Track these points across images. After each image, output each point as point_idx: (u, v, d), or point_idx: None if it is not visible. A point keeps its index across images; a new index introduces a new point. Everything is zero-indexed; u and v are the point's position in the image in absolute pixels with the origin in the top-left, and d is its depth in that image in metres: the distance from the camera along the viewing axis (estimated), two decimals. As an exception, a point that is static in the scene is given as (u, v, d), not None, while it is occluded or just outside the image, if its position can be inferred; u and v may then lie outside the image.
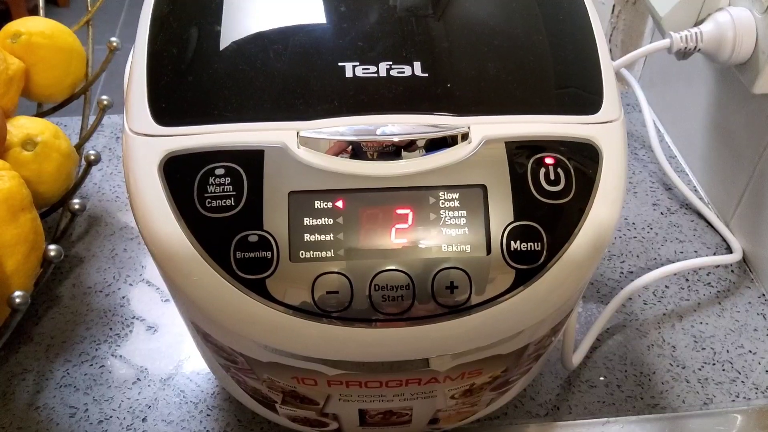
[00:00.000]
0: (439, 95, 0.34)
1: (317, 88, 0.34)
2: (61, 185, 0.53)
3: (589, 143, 0.34)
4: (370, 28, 0.36)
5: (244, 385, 0.39)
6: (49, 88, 0.58)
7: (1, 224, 0.42)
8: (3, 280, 0.43)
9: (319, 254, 0.32)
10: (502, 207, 0.32)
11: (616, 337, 0.53)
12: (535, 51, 0.36)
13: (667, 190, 0.65)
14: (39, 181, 0.50)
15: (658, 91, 0.72)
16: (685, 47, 0.54)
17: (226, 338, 0.35)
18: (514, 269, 0.32)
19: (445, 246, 0.32)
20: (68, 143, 0.54)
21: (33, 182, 0.50)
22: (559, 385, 0.50)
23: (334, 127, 0.33)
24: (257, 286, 0.31)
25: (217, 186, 0.32)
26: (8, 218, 0.43)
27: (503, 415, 0.48)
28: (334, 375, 0.34)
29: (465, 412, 0.41)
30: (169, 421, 0.48)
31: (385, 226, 0.32)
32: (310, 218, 0.32)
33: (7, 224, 0.43)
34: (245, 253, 0.31)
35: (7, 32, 0.56)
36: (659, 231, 0.61)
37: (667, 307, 0.56)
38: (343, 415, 0.39)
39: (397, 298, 0.32)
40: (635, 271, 0.58)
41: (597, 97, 0.35)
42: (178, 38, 0.36)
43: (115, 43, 0.59)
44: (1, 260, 0.43)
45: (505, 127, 0.34)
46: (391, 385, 0.36)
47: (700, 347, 0.53)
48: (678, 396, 0.50)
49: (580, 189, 0.33)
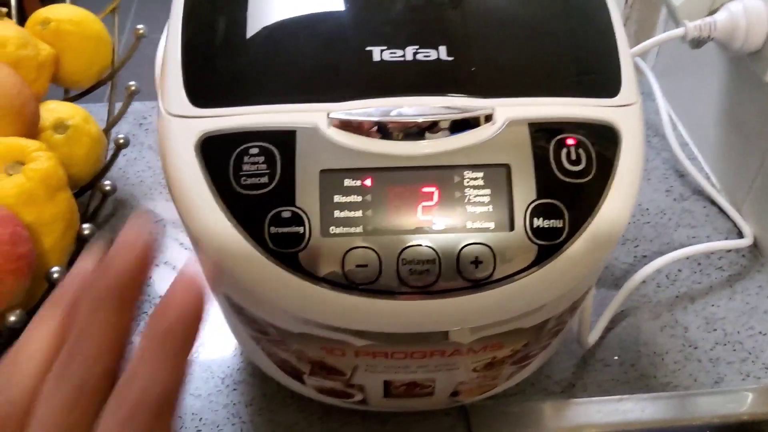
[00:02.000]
0: (464, 78, 0.36)
1: (346, 72, 0.36)
2: (91, 168, 0.55)
3: (608, 125, 0.35)
4: (397, 14, 0.38)
5: (273, 356, 0.41)
6: (77, 74, 0.60)
7: (39, 203, 0.44)
8: (41, 255, 0.44)
9: (348, 230, 0.33)
10: (525, 185, 0.34)
11: (630, 318, 0.55)
12: (555, 36, 0.38)
13: (680, 177, 0.66)
14: (70, 163, 0.52)
15: (671, 80, 0.73)
16: (699, 36, 0.55)
17: (259, 310, 0.36)
18: (537, 245, 0.33)
19: (469, 223, 0.33)
20: (97, 128, 0.56)
21: (65, 164, 0.51)
22: (574, 364, 0.52)
23: (363, 109, 0.35)
24: (290, 260, 0.33)
25: (251, 165, 0.34)
26: (46, 197, 0.45)
27: (520, 392, 0.50)
28: (361, 346, 0.36)
29: (486, 386, 0.43)
30: (197, 395, 0.49)
31: (412, 204, 0.34)
32: (340, 195, 0.33)
33: (46, 203, 0.45)
34: (279, 228, 0.33)
35: (37, 19, 0.58)
36: (672, 216, 0.63)
37: (680, 290, 0.57)
38: (368, 386, 0.41)
39: (423, 272, 0.33)
40: (649, 255, 0.59)
41: (616, 81, 0.37)
42: (212, 23, 0.38)
43: (141, 30, 0.60)
44: (40, 237, 0.44)
45: (527, 109, 0.35)
46: (416, 356, 0.37)
47: (711, 328, 0.54)
48: (690, 375, 0.51)
49: (600, 169, 0.35)
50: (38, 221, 0.45)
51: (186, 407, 0.48)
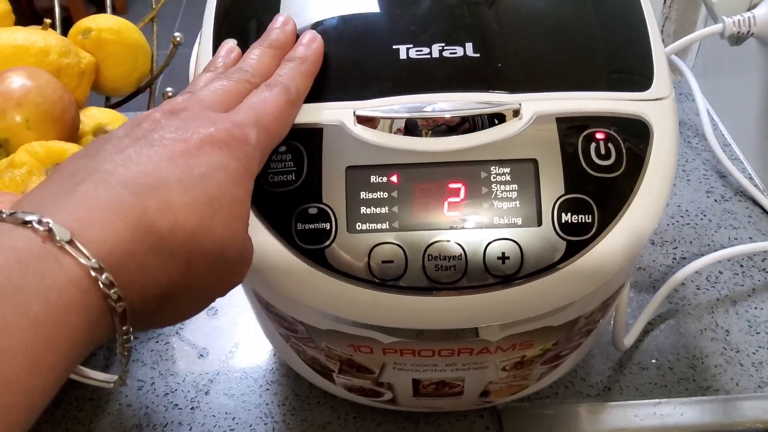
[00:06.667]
0: (490, 74, 0.35)
1: (373, 70, 0.36)
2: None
3: (639, 119, 0.35)
4: (423, 13, 0.38)
5: (303, 354, 0.41)
6: (117, 82, 0.61)
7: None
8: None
9: (375, 226, 0.33)
10: (552, 180, 0.33)
11: (669, 321, 0.53)
12: (584, 29, 0.37)
13: (721, 178, 0.65)
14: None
15: (711, 79, 0.71)
16: (738, 32, 0.54)
17: (287, 307, 0.36)
18: (565, 241, 0.33)
19: (496, 218, 0.33)
20: (135, 133, 0.57)
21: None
22: (610, 367, 0.51)
23: (388, 106, 0.35)
24: (317, 256, 0.33)
25: (279, 162, 0.34)
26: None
27: (554, 395, 0.49)
28: (388, 343, 0.36)
29: (516, 386, 0.42)
30: (231, 395, 0.50)
31: (438, 200, 0.33)
32: (366, 192, 0.34)
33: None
34: (306, 224, 0.33)
35: (79, 29, 0.60)
36: (713, 218, 0.61)
37: (721, 292, 0.55)
38: (397, 384, 0.41)
39: (450, 268, 0.33)
40: (688, 257, 0.58)
41: (647, 75, 0.36)
42: (241, 27, 0.38)
43: (178, 38, 0.62)
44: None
45: (555, 104, 0.35)
46: (444, 354, 0.37)
47: (754, 331, 0.52)
48: (732, 379, 0.49)
49: (631, 164, 0.34)
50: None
51: (219, 406, 0.49)
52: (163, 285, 0.27)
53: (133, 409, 0.49)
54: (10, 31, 0.54)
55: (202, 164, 0.28)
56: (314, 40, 0.36)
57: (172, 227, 0.26)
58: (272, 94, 0.33)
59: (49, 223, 0.23)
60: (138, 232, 0.25)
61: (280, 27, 0.37)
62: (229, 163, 0.29)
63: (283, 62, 0.35)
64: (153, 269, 0.26)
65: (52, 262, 0.23)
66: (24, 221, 0.23)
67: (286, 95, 0.33)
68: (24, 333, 0.22)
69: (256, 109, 0.32)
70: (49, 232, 0.23)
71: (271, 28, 0.37)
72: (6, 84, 0.48)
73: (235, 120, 0.30)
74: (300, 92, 0.34)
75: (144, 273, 0.26)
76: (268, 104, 0.32)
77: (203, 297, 0.30)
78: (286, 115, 0.33)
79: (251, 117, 0.31)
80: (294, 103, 0.34)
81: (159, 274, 0.26)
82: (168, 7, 0.66)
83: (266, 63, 0.35)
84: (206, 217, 0.27)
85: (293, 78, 0.34)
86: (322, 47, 0.36)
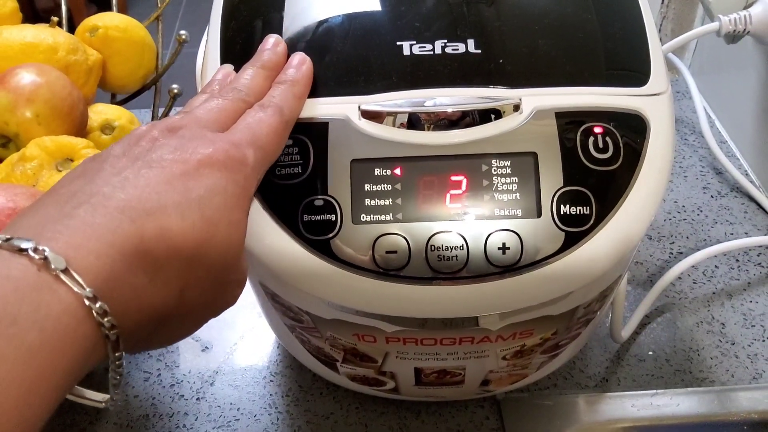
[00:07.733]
0: (492, 70, 0.36)
1: (377, 66, 0.37)
2: (135, 167, 0.57)
3: (636, 114, 0.36)
4: (426, 10, 0.39)
5: (307, 344, 0.42)
6: (124, 79, 0.62)
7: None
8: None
9: (379, 217, 0.34)
10: (552, 173, 0.34)
11: (666, 314, 0.54)
12: (583, 27, 0.38)
13: (718, 174, 0.66)
14: (116, 162, 0.54)
15: (708, 77, 0.72)
16: (734, 30, 0.55)
17: (293, 297, 0.37)
18: (564, 232, 0.34)
19: (497, 210, 0.34)
20: (141, 129, 0.58)
21: (111, 164, 0.54)
22: (608, 359, 0.51)
23: (392, 101, 0.36)
24: (322, 247, 0.34)
25: (285, 155, 0.35)
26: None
27: (553, 386, 0.50)
28: (392, 332, 0.37)
29: (516, 375, 0.43)
30: (236, 386, 0.51)
31: (441, 192, 0.34)
32: (370, 184, 0.34)
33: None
34: (312, 216, 0.34)
35: (86, 26, 0.60)
36: (709, 213, 0.62)
37: (717, 286, 0.56)
38: (399, 373, 0.42)
39: (452, 258, 0.34)
40: (684, 252, 0.59)
41: (644, 71, 0.37)
42: (248, 25, 0.39)
43: (183, 36, 0.63)
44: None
45: (555, 99, 0.36)
46: (446, 342, 0.38)
47: (749, 324, 0.53)
48: (727, 371, 0.50)
49: (628, 157, 0.35)
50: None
51: (224, 397, 0.50)
52: (158, 309, 0.27)
53: (139, 399, 0.50)
54: (19, 29, 0.55)
55: (200, 187, 0.28)
56: (304, 62, 0.36)
57: (168, 253, 0.26)
58: (267, 115, 0.33)
59: (45, 251, 0.23)
60: (134, 259, 0.26)
61: (272, 48, 0.37)
62: (227, 186, 0.29)
63: (275, 84, 0.35)
64: (148, 295, 0.26)
65: (48, 291, 0.23)
66: (20, 249, 0.23)
67: (280, 116, 0.33)
68: (18, 364, 0.22)
69: (253, 129, 0.32)
70: (44, 260, 0.23)
71: (263, 48, 0.37)
72: (16, 80, 0.49)
73: (232, 140, 0.30)
74: (293, 113, 0.35)
75: (139, 299, 0.26)
76: (263, 124, 0.32)
77: (196, 320, 0.30)
78: (281, 135, 0.33)
79: (248, 137, 0.31)
80: (287, 123, 0.34)
81: (154, 299, 0.27)
82: (168, 7, 0.67)
83: (259, 83, 0.35)
84: (203, 243, 0.27)
85: (286, 99, 0.34)
86: (311, 70, 0.36)
